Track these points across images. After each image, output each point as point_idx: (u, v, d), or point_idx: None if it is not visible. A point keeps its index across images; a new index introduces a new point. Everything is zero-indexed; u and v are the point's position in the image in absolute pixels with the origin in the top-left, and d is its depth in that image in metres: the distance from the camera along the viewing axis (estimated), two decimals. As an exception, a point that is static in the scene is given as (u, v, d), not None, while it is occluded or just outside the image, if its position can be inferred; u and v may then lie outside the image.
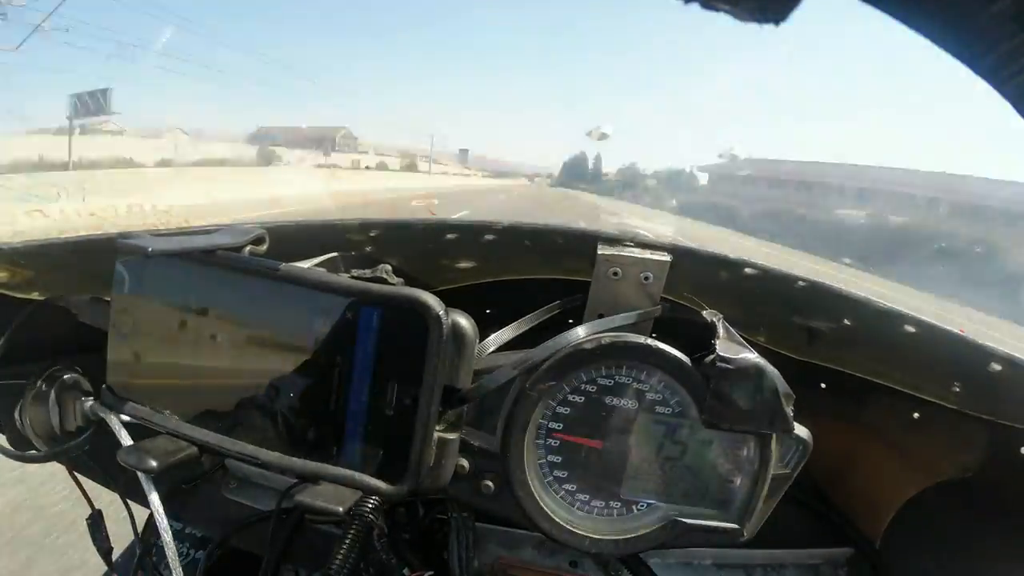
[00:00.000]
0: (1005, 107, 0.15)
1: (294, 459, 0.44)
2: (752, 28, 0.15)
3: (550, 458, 0.47)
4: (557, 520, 0.46)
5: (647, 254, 0.51)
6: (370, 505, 0.45)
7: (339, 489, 0.42)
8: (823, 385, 0.64)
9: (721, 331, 0.45)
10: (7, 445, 0.56)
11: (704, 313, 0.49)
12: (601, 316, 0.51)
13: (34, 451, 0.54)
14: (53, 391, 0.54)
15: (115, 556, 0.64)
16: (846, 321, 0.54)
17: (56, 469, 0.59)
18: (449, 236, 0.58)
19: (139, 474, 0.47)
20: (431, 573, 0.54)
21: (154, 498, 0.47)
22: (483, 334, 0.47)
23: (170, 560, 0.47)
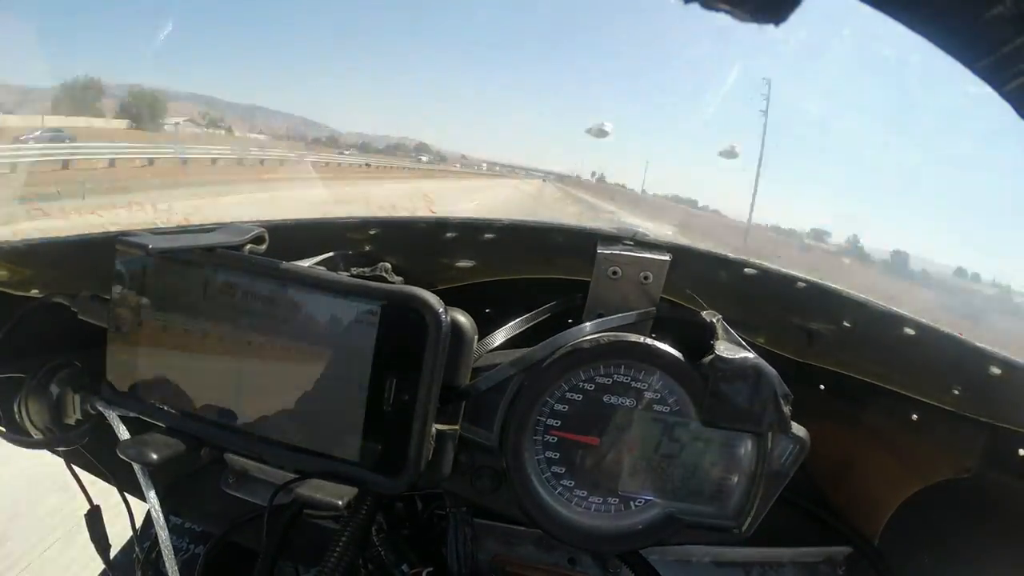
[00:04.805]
0: (1005, 108, 0.15)
1: (292, 453, 0.45)
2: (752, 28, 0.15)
3: (548, 455, 0.47)
4: (554, 516, 0.47)
5: (647, 254, 0.51)
6: (369, 500, 0.45)
7: (338, 484, 0.42)
8: (822, 387, 0.63)
9: (720, 331, 0.45)
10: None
11: (703, 313, 0.49)
12: (600, 315, 0.51)
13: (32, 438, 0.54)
14: (52, 384, 0.54)
15: (113, 553, 0.64)
16: (846, 323, 0.54)
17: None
18: (449, 235, 0.57)
19: (137, 468, 0.47)
20: (430, 569, 0.54)
21: (151, 493, 0.47)
22: (482, 332, 0.47)
23: (165, 555, 0.47)
